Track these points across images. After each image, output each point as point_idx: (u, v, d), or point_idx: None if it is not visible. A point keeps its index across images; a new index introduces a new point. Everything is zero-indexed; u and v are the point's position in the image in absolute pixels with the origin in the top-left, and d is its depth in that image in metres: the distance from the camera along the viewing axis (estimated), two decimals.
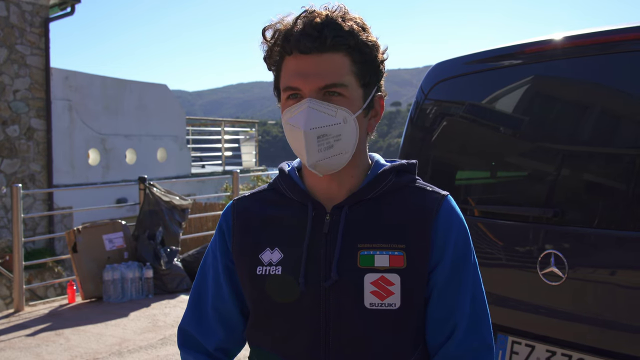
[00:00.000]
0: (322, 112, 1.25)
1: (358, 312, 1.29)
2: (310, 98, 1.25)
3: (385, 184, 1.37)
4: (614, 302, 2.09)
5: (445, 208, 1.36)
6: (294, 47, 1.26)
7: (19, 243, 6.64)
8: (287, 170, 1.45)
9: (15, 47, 11.72)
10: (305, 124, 1.24)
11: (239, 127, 21.12)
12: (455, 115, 2.79)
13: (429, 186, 1.41)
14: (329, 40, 1.24)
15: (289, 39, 1.26)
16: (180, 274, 7.28)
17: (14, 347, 5.32)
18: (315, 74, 1.25)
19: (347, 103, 1.28)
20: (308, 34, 1.24)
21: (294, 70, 1.27)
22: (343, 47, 1.26)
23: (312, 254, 1.32)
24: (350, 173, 1.36)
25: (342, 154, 1.29)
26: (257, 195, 1.47)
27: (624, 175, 2.13)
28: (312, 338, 1.31)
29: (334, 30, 1.25)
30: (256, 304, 1.38)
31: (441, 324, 1.35)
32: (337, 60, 1.26)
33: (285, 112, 1.30)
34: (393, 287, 1.29)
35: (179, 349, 1.48)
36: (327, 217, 1.35)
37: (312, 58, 1.25)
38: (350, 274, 1.30)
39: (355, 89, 1.30)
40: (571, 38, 2.33)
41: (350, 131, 1.29)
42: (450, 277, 1.34)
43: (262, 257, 1.36)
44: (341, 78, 1.27)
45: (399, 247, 1.30)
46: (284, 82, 1.30)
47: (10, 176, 11.58)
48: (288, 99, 1.30)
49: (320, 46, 1.25)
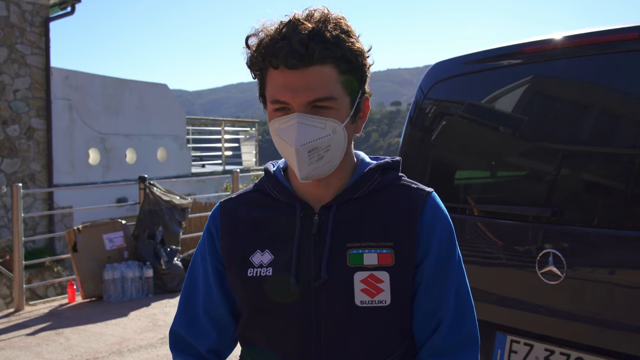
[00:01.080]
0: (311, 126, 1.25)
1: (349, 311, 1.30)
2: (299, 113, 1.25)
3: (372, 183, 1.38)
4: (612, 302, 2.10)
5: (430, 205, 1.37)
6: (281, 62, 1.24)
7: (19, 242, 6.65)
8: (273, 170, 1.45)
9: (16, 46, 11.73)
10: (297, 140, 1.24)
11: (239, 126, 21.12)
12: (454, 114, 2.79)
13: (413, 183, 1.42)
14: (316, 54, 1.23)
15: (276, 54, 1.24)
16: (180, 274, 7.28)
17: (14, 346, 5.33)
18: (304, 88, 1.24)
19: (335, 114, 1.28)
20: (295, 50, 1.22)
21: (281, 84, 1.26)
22: (330, 59, 1.25)
23: (302, 254, 1.33)
24: (339, 175, 1.37)
25: (331, 161, 1.31)
26: (244, 197, 1.47)
27: (623, 175, 2.13)
28: (303, 337, 1.32)
29: (320, 42, 1.23)
30: (248, 305, 1.39)
31: (427, 318, 1.37)
32: (324, 73, 1.25)
33: (274, 122, 1.29)
34: (383, 284, 1.30)
35: (171, 352, 1.48)
36: (316, 217, 1.36)
37: (300, 72, 1.24)
38: (340, 273, 1.31)
39: (343, 99, 1.29)
40: (570, 38, 2.33)
41: (339, 140, 1.29)
42: (435, 272, 1.36)
43: (252, 259, 1.36)
44: (329, 91, 1.26)
45: (387, 245, 1.32)
46: (271, 95, 1.29)
47: (11, 176, 11.59)
48: (276, 110, 1.29)
49: (308, 61, 1.23)
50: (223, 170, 17.33)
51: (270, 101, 1.30)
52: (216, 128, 18.94)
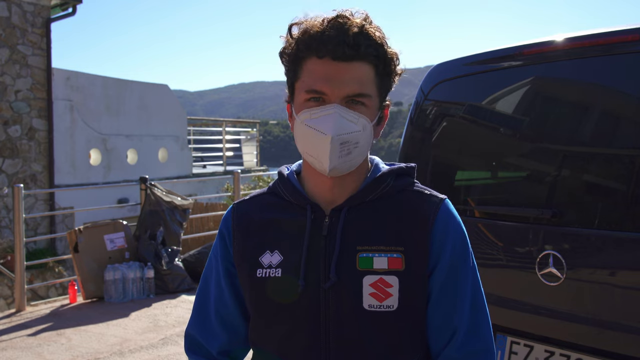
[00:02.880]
0: (346, 120, 1.27)
1: (357, 314, 1.30)
2: (337, 104, 1.26)
3: (384, 187, 1.39)
4: (612, 303, 2.10)
5: (442, 211, 1.37)
6: (329, 52, 1.26)
7: (20, 243, 6.66)
8: (286, 174, 1.46)
9: (17, 47, 11.74)
10: (333, 129, 1.25)
11: (240, 127, 21.14)
12: (455, 116, 2.79)
13: (427, 189, 1.42)
14: (362, 49, 1.26)
15: (325, 43, 1.26)
16: (182, 274, 7.29)
17: (15, 346, 5.34)
18: (345, 81, 1.26)
19: (367, 112, 1.30)
20: (345, 42, 1.24)
21: (321, 74, 1.27)
22: (372, 57, 1.28)
23: (312, 256, 1.33)
24: (353, 177, 1.38)
25: (356, 159, 1.32)
26: (257, 199, 1.48)
27: (623, 176, 2.14)
28: (311, 339, 1.32)
29: (367, 39, 1.26)
30: (257, 306, 1.39)
31: (441, 327, 1.35)
32: (364, 70, 1.28)
33: (304, 113, 1.29)
34: (391, 289, 1.30)
35: (186, 354, 1.50)
36: (326, 219, 1.36)
37: (343, 65, 1.26)
38: (349, 275, 1.31)
39: (375, 99, 1.32)
40: (571, 39, 2.33)
41: (367, 138, 1.31)
42: (447, 279, 1.34)
43: (262, 260, 1.37)
44: (366, 88, 1.29)
45: (398, 249, 1.32)
46: (308, 84, 1.29)
47: (12, 176, 11.60)
48: (308, 100, 1.30)
49: (354, 55, 1.26)
50: (224, 170, 17.34)
51: (305, 90, 1.30)
52: (217, 129, 18.95)
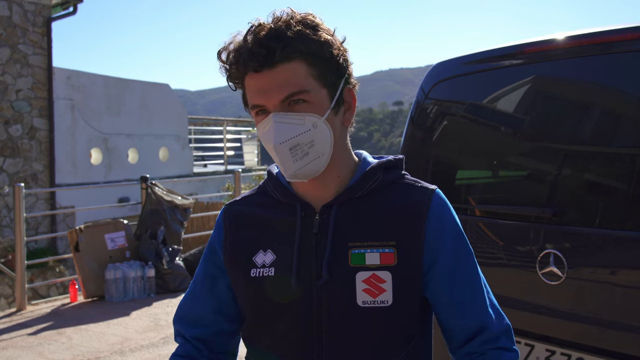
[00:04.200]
0: (289, 124, 1.25)
1: (351, 311, 1.30)
2: (274, 112, 1.26)
3: (374, 182, 1.37)
4: (613, 302, 2.10)
5: (435, 202, 1.36)
6: (247, 67, 1.26)
7: (21, 242, 6.66)
8: (275, 172, 1.46)
9: (18, 46, 11.75)
10: (275, 139, 1.25)
11: (241, 126, 21.12)
12: (455, 115, 2.79)
13: (417, 181, 1.41)
14: (278, 52, 1.23)
15: (239, 60, 1.26)
16: (182, 274, 7.29)
17: (16, 345, 5.34)
18: (273, 88, 1.25)
19: (312, 108, 1.27)
20: (255, 52, 1.23)
21: (254, 88, 1.28)
22: (294, 54, 1.25)
23: (303, 254, 1.33)
24: (335, 173, 1.36)
25: (319, 157, 1.29)
26: (248, 200, 1.48)
27: (624, 175, 2.13)
28: (305, 337, 1.32)
29: (280, 41, 1.24)
30: (251, 305, 1.39)
31: (460, 309, 1.35)
32: (291, 69, 1.25)
33: (259, 128, 1.31)
34: (385, 284, 1.29)
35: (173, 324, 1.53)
36: (317, 216, 1.36)
37: (267, 73, 1.25)
38: (341, 272, 1.31)
39: (319, 91, 1.29)
40: (571, 38, 2.33)
41: (322, 134, 1.29)
42: (456, 265, 1.34)
43: (255, 260, 1.37)
44: (300, 85, 1.26)
45: (390, 244, 1.31)
46: (250, 101, 1.30)
47: (13, 175, 11.61)
48: (257, 115, 1.31)
49: (271, 61, 1.24)
50: (225, 170, 17.34)
51: (250, 107, 1.31)
52: (218, 128, 18.96)
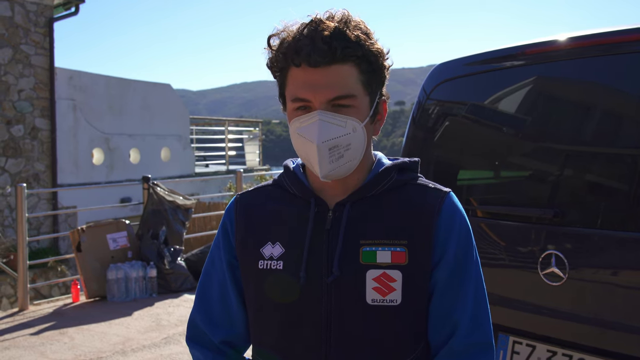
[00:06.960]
0: (332, 124, 1.27)
1: (360, 308, 1.30)
2: (320, 110, 1.27)
3: (388, 181, 1.39)
4: (614, 303, 2.10)
5: (447, 205, 1.37)
6: (303, 60, 1.26)
7: (23, 242, 6.67)
8: (292, 167, 1.46)
9: (20, 47, 11.76)
10: (318, 137, 1.26)
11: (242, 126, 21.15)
12: (457, 115, 2.79)
13: (431, 183, 1.42)
14: (338, 52, 1.25)
15: (298, 52, 1.26)
16: (184, 274, 7.30)
17: (18, 345, 5.35)
18: (325, 86, 1.26)
19: (355, 113, 1.30)
20: (318, 47, 1.25)
21: (302, 81, 1.28)
22: (351, 58, 1.27)
23: (314, 249, 1.33)
24: (356, 176, 1.38)
25: (351, 161, 1.32)
26: (261, 191, 1.49)
27: (626, 176, 2.13)
28: (313, 334, 1.32)
29: (342, 41, 1.26)
30: (257, 298, 1.39)
31: (443, 321, 1.35)
32: (345, 71, 1.27)
33: (294, 122, 1.31)
34: (395, 283, 1.30)
35: (187, 343, 1.50)
36: (330, 213, 1.36)
37: (321, 70, 1.26)
38: (352, 270, 1.31)
39: (363, 98, 1.31)
40: (573, 39, 2.33)
41: (359, 139, 1.31)
42: (453, 274, 1.34)
43: (263, 251, 1.37)
44: (350, 89, 1.28)
45: (401, 243, 1.31)
46: (292, 93, 1.31)
47: (15, 176, 11.62)
48: (297, 109, 1.31)
49: (330, 59, 1.25)
50: (227, 170, 17.35)
51: (290, 99, 1.32)
52: (220, 128, 18.97)
